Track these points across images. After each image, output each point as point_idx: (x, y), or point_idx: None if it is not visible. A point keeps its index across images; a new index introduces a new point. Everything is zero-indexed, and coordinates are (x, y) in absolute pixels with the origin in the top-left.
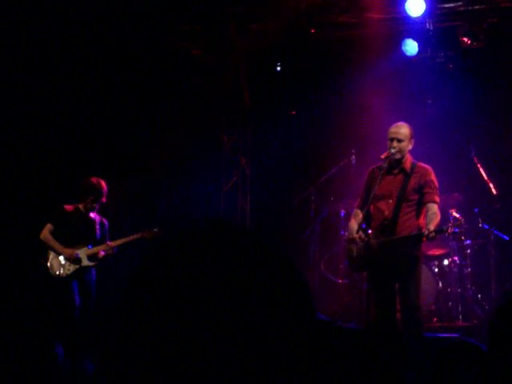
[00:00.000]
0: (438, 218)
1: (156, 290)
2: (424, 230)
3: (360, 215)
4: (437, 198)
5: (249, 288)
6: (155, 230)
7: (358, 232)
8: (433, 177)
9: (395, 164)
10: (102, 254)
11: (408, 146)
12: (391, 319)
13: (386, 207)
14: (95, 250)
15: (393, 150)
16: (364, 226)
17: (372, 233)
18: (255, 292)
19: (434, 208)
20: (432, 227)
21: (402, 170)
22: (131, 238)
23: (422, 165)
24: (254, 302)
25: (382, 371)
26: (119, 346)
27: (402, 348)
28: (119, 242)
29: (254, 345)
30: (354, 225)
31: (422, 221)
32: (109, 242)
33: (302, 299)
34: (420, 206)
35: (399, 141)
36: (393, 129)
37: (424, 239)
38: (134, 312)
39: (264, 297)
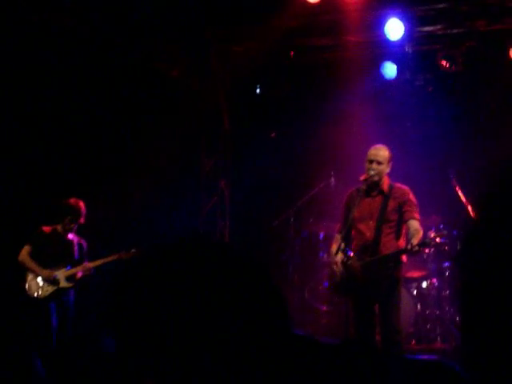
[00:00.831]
0: (421, 233)
1: (133, 304)
2: (407, 245)
3: (339, 240)
4: (417, 215)
5: (223, 300)
6: (133, 250)
7: (336, 254)
8: (411, 196)
9: (373, 186)
10: (79, 274)
11: (386, 168)
12: (370, 341)
13: (367, 229)
14: (73, 270)
15: (372, 172)
16: (345, 248)
17: (353, 255)
18: (230, 303)
19: (415, 224)
20: (415, 242)
21: (381, 192)
22: (109, 258)
23: (400, 185)
24: (229, 313)
25: None
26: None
27: (380, 364)
28: (96, 263)
29: (229, 356)
30: (334, 249)
31: (402, 241)
32: (86, 263)
33: (277, 312)
34: (400, 227)
35: (378, 163)
36: (372, 151)
37: (405, 258)
38: (114, 324)
39: (238, 308)
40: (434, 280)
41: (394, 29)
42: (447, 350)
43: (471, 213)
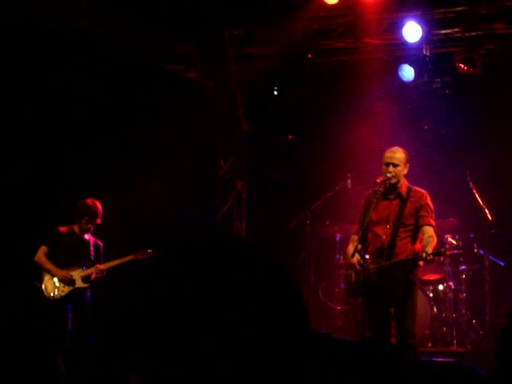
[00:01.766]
0: (435, 240)
1: (151, 303)
2: (421, 253)
3: (356, 242)
4: (432, 221)
5: (243, 298)
6: (149, 251)
7: (353, 256)
8: (428, 201)
9: (391, 189)
10: (93, 276)
11: (403, 170)
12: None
13: (383, 232)
14: (89, 271)
15: (389, 175)
16: (361, 250)
17: (369, 258)
18: (249, 302)
19: (430, 231)
20: (430, 250)
21: (399, 195)
22: (124, 259)
23: (418, 189)
24: (248, 312)
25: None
26: (120, 357)
27: (398, 362)
28: (111, 263)
29: (249, 354)
30: (350, 250)
31: (418, 245)
32: (98, 265)
33: (296, 310)
34: (416, 231)
35: (395, 166)
36: (388, 153)
37: (421, 263)
38: (132, 322)
39: (257, 305)
40: (451, 283)
41: (412, 31)
42: (463, 353)
43: (488, 215)
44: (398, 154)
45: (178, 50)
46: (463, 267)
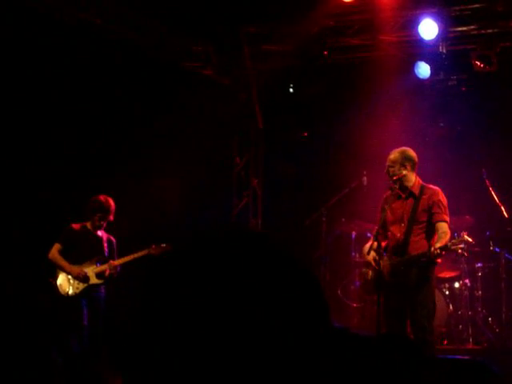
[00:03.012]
0: (448, 236)
1: (171, 296)
2: (431, 249)
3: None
4: (446, 217)
5: (263, 292)
6: (163, 245)
7: (369, 254)
8: (441, 197)
9: (404, 188)
10: (107, 272)
11: (400, 169)
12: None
13: (398, 230)
14: (103, 267)
15: (390, 175)
16: (377, 248)
17: (386, 256)
18: (269, 296)
19: (443, 227)
20: (438, 245)
21: (411, 194)
22: (138, 254)
23: (431, 186)
24: (268, 306)
25: (398, 380)
26: (138, 353)
27: (416, 359)
28: (125, 259)
29: (269, 349)
30: (366, 248)
31: (433, 241)
32: (111, 262)
33: (316, 304)
34: (431, 227)
35: (390, 166)
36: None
37: (439, 260)
38: (150, 318)
39: (278, 301)
40: (467, 280)
41: (428, 28)
42: (479, 351)
43: (504, 213)
44: (391, 156)
45: (194, 47)
46: (479, 265)
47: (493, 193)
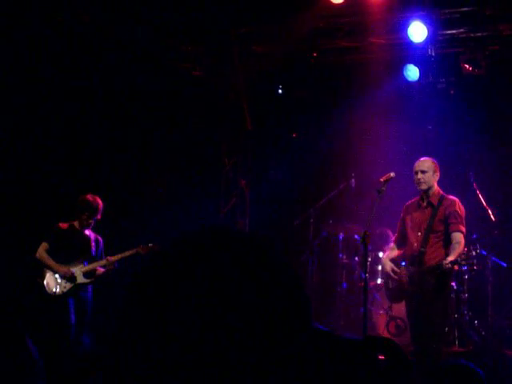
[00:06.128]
0: (461, 247)
1: (154, 296)
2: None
3: (395, 250)
4: (461, 228)
5: (246, 292)
6: (150, 245)
7: (388, 263)
8: (457, 207)
9: (424, 197)
10: (101, 270)
11: (432, 176)
12: (428, 346)
13: (415, 240)
14: (91, 266)
15: (418, 182)
16: (396, 258)
17: (405, 265)
18: (252, 297)
19: (457, 237)
20: (449, 258)
21: (430, 204)
22: (126, 253)
23: (450, 197)
24: (251, 307)
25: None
26: (121, 352)
27: (403, 361)
28: (115, 257)
29: (249, 349)
30: (385, 259)
31: (450, 250)
32: (109, 257)
33: (299, 305)
34: (448, 237)
35: (423, 172)
36: (416, 163)
37: (456, 267)
38: (133, 318)
39: (260, 299)
40: (453, 283)
41: (418, 31)
42: (465, 354)
43: (491, 216)
44: (425, 163)
45: (184, 48)
46: (465, 268)
47: (480, 196)
